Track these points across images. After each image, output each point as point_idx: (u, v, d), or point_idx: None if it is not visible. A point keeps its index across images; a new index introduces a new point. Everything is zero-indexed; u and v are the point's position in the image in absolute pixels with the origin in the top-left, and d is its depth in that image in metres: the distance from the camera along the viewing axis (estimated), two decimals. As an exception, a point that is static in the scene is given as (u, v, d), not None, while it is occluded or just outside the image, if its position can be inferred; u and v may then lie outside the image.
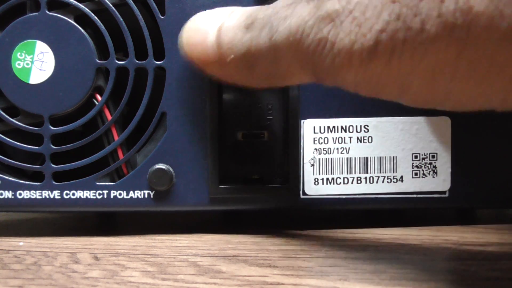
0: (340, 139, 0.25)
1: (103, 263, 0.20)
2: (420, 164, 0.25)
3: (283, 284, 0.17)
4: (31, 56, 0.24)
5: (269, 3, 0.24)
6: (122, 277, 0.18)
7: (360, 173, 0.25)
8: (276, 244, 0.22)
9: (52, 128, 0.24)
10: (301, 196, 0.25)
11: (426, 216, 0.28)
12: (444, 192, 0.25)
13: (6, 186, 0.24)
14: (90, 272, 0.18)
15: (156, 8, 0.24)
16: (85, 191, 0.24)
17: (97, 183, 0.24)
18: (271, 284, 0.17)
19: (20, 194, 0.24)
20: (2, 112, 0.24)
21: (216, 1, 0.24)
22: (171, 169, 0.24)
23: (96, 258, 0.20)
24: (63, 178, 0.24)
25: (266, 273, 0.18)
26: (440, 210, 0.27)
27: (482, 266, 0.19)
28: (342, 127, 0.25)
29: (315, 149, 0.25)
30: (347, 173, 0.25)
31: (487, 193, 0.25)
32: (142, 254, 0.21)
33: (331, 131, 0.25)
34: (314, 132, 0.25)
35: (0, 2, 0.24)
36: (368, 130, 0.25)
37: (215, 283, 0.17)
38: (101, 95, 0.24)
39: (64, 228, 0.27)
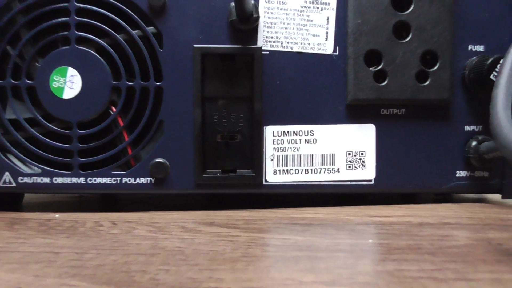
0: (292, 140, 0.33)
1: (119, 226, 0.28)
2: (352, 159, 0.34)
3: (241, 236, 0.25)
4: (64, 78, 0.32)
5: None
6: (134, 233, 0.26)
7: (307, 166, 0.33)
8: (242, 216, 0.31)
9: (79, 131, 0.32)
10: (264, 183, 0.33)
11: (370, 198, 0.36)
12: (370, 181, 0.34)
13: (44, 174, 0.32)
14: (112, 230, 0.27)
15: (156, 43, 0.32)
16: (103, 178, 0.33)
17: (112, 172, 0.33)
18: (233, 235, 0.25)
19: (55, 180, 0.33)
20: (41, 119, 0.32)
21: (202, 39, 0.32)
22: (167, 162, 0.33)
23: (114, 224, 0.29)
24: (87, 168, 0.33)
25: (230, 231, 0.26)
26: (368, 194, 0.36)
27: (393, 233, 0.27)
28: (294, 132, 0.33)
29: (274, 148, 0.33)
30: (297, 166, 0.33)
31: (403, 181, 0.34)
32: (146, 222, 0.29)
33: (286, 135, 0.33)
34: (273, 136, 0.33)
35: (40, 38, 0.32)
36: (313, 134, 0.33)
37: (196, 236, 0.25)
38: (115, 107, 0.32)
39: (86, 206, 0.36)
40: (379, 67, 0.33)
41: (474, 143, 0.34)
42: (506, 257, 0.21)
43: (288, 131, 0.33)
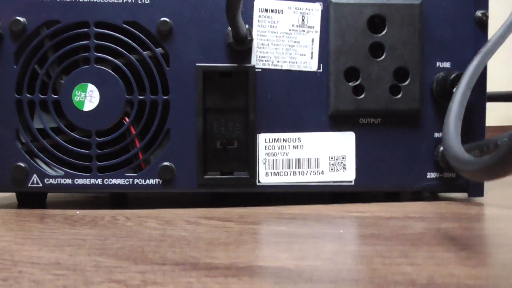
0: (282, 146, 0.38)
1: (133, 220, 0.33)
2: (334, 162, 0.39)
3: (235, 227, 0.30)
4: (85, 93, 0.37)
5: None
6: (145, 225, 0.31)
7: (295, 168, 0.38)
8: (238, 212, 0.36)
9: (97, 139, 0.37)
10: (257, 184, 0.38)
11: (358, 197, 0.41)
12: (351, 181, 0.39)
13: (67, 176, 0.38)
14: (127, 223, 0.32)
15: (163, 62, 0.37)
16: (118, 179, 0.38)
17: (126, 174, 0.38)
18: (228, 227, 0.30)
19: (76, 181, 0.38)
20: (65, 128, 0.37)
21: (204, 59, 0.37)
22: (173, 165, 0.38)
23: (128, 218, 0.34)
24: (104, 171, 0.38)
25: (226, 223, 0.31)
26: (348, 193, 0.40)
27: (366, 227, 0.32)
28: (283, 139, 0.38)
29: (266, 153, 0.38)
30: (287, 169, 0.38)
31: (380, 181, 0.39)
32: (155, 216, 0.34)
33: (277, 141, 0.38)
34: (266, 142, 0.38)
35: (64, 59, 0.37)
36: (300, 141, 0.38)
37: (197, 227, 0.30)
38: (128, 118, 0.38)
39: (99, 204, 0.41)
40: (357, 82, 0.38)
41: (442, 148, 0.39)
42: (446, 241, 0.26)
43: (278, 138, 0.38)
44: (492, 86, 0.49)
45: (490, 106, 0.49)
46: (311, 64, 0.38)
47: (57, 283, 0.19)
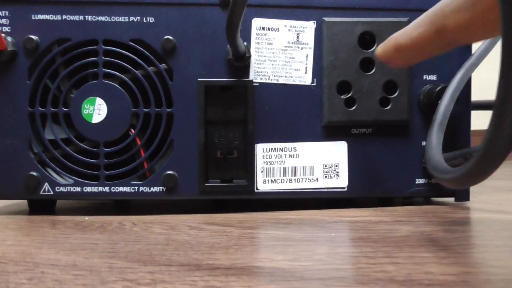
0: (279, 155, 0.41)
1: (139, 226, 0.35)
2: (328, 170, 0.41)
3: (234, 232, 0.33)
4: (93, 106, 0.40)
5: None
6: (151, 230, 0.34)
7: (291, 176, 0.41)
8: (237, 217, 0.38)
9: (105, 149, 0.40)
10: (255, 191, 0.41)
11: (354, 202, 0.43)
12: (344, 188, 0.41)
13: (76, 184, 0.40)
14: (133, 228, 0.34)
15: (167, 77, 0.40)
16: (124, 187, 0.40)
17: (131, 182, 0.40)
18: (229, 231, 0.33)
19: (85, 189, 0.40)
20: (75, 139, 0.40)
21: (205, 74, 0.40)
22: (176, 174, 0.40)
23: (134, 224, 0.36)
24: (111, 179, 0.40)
25: (226, 228, 0.34)
26: (342, 199, 0.43)
27: (358, 230, 0.34)
28: (280, 148, 0.41)
29: (264, 161, 0.41)
30: (283, 176, 0.41)
31: (371, 188, 0.41)
32: (160, 222, 0.36)
33: (273, 151, 0.41)
34: (263, 152, 0.41)
35: (74, 74, 0.40)
36: (296, 150, 0.41)
37: (199, 232, 0.33)
38: (134, 129, 0.40)
39: (104, 210, 0.43)
40: (349, 95, 0.40)
41: (429, 156, 0.41)
42: (427, 243, 0.28)
43: (275, 148, 0.41)
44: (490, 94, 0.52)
45: (486, 111, 0.51)
46: (305, 78, 0.41)
47: (77, 282, 0.22)
